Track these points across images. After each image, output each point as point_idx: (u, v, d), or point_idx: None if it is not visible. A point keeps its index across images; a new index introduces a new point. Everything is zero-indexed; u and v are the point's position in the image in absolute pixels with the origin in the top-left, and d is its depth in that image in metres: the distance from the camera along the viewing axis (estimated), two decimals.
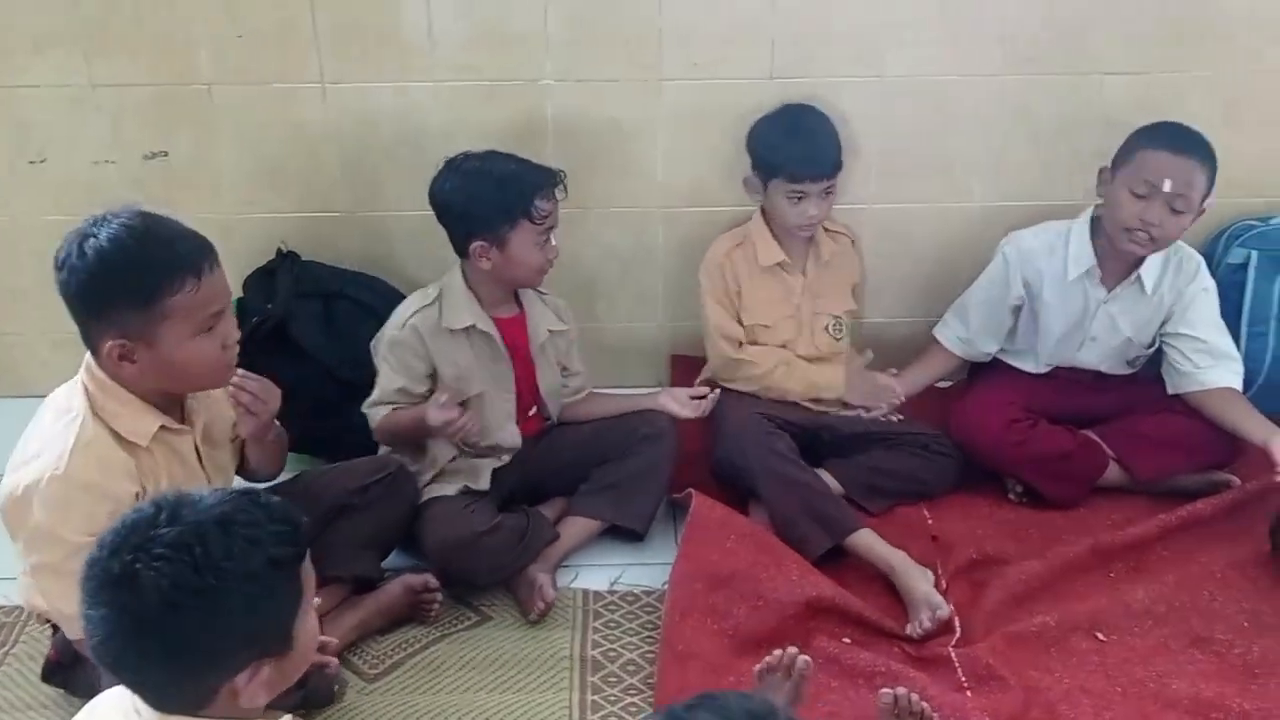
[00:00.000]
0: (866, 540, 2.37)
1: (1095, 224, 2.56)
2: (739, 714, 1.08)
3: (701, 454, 2.64)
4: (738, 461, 2.49)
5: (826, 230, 2.70)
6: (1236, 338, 2.73)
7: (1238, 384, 2.57)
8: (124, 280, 1.67)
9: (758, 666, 1.85)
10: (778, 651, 1.85)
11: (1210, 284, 2.59)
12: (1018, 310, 2.67)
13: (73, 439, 1.71)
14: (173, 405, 1.85)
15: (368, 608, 2.17)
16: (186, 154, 2.65)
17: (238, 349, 1.83)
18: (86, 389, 1.76)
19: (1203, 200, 2.42)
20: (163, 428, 1.80)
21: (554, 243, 2.33)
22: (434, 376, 2.35)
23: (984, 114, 2.72)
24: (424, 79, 2.60)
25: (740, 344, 2.65)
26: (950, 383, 2.90)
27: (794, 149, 2.55)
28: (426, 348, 2.32)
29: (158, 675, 1.21)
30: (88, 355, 1.77)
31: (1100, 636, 2.22)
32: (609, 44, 2.60)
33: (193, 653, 1.18)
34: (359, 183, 2.69)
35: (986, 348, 2.73)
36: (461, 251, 2.33)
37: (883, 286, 2.90)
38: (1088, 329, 2.62)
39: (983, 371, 2.79)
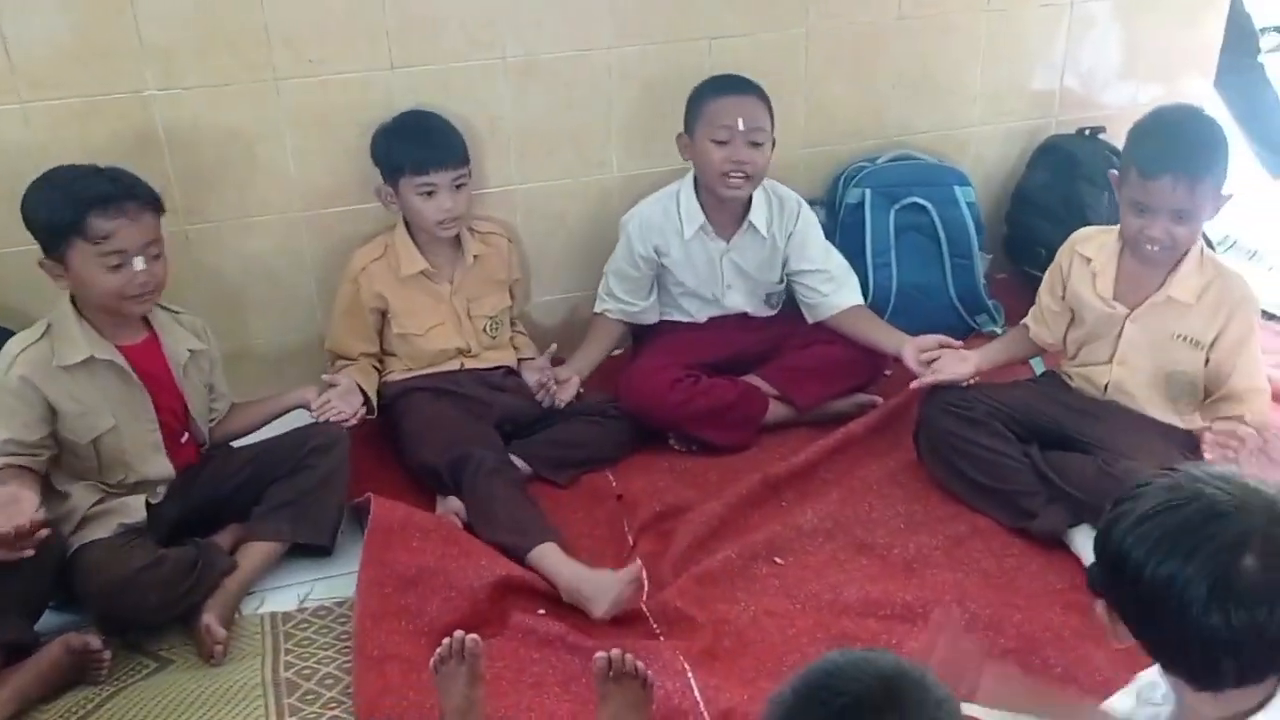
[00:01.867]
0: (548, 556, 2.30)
1: (698, 183, 2.73)
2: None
3: (378, 455, 2.60)
4: (430, 462, 2.48)
5: (476, 233, 2.72)
6: (864, 271, 2.97)
7: (859, 299, 2.81)
8: None
9: (431, 661, 1.82)
10: (445, 641, 1.82)
11: (810, 215, 2.83)
12: (656, 274, 2.81)
13: None
14: None
15: (25, 676, 1.98)
16: None
17: None
18: None
19: (772, 131, 2.63)
20: None
21: (140, 266, 2.13)
22: (56, 416, 2.16)
23: (606, 86, 2.81)
24: (8, 101, 2.39)
25: (352, 359, 2.65)
26: (620, 350, 2.99)
27: (413, 144, 2.57)
28: (38, 390, 2.13)
29: None
30: None
31: (778, 560, 2.36)
32: (212, 47, 2.49)
33: None
34: None
35: (644, 308, 2.85)
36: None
37: (540, 267, 2.95)
38: (722, 278, 2.79)
39: (646, 336, 2.90)
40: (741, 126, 2.58)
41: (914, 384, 2.55)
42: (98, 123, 2.46)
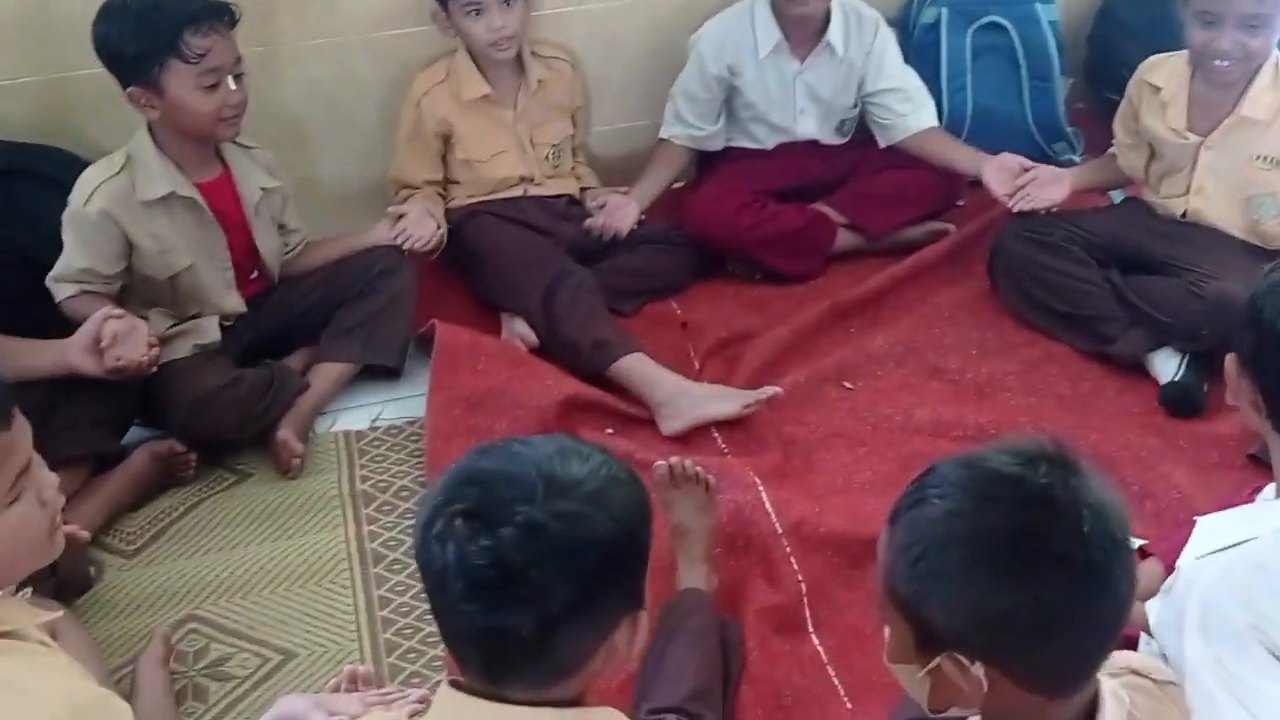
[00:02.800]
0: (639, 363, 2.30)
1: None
2: None
3: (439, 283, 2.60)
4: (505, 278, 2.47)
5: (538, 55, 2.64)
6: (937, 95, 2.86)
7: (935, 121, 2.72)
8: None
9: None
10: None
11: (889, 32, 2.71)
12: (726, 96, 2.72)
13: None
14: None
15: (114, 483, 2.05)
16: None
17: None
18: None
19: None
20: None
21: (233, 87, 2.12)
22: (133, 251, 2.16)
23: None
24: None
25: (417, 187, 2.61)
26: (683, 182, 2.93)
27: None
28: (118, 224, 2.12)
29: None
30: None
31: (848, 385, 2.34)
32: None
33: None
34: (18, 46, 2.41)
35: (714, 130, 2.76)
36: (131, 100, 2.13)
37: (599, 95, 2.86)
38: (795, 102, 2.70)
39: (710, 164, 2.83)
40: None
41: (1011, 204, 2.45)
42: None
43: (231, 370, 2.19)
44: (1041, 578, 0.98)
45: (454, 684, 1.06)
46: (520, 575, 0.96)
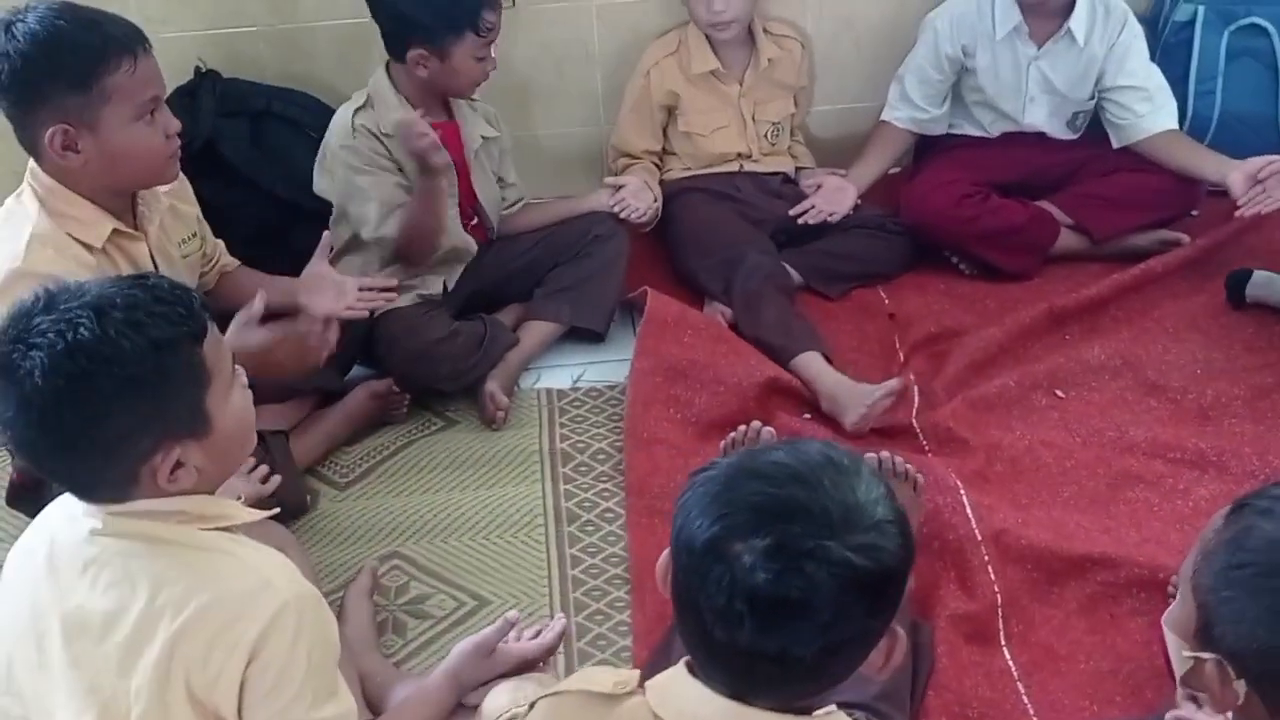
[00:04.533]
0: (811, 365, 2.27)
1: None
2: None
3: (650, 252, 2.62)
4: (702, 264, 2.48)
5: (770, 34, 2.62)
6: (1183, 97, 2.71)
7: (1175, 124, 2.58)
8: (61, 59, 1.61)
9: (723, 442, 1.88)
10: (741, 427, 1.87)
11: (1137, 27, 2.57)
12: (956, 77, 2.64)
13: (28, 234, 1.66)
14: (125, 211, 1.79)
15: (333, 418, 2.16)
16: None
17: (179, 142, 1.77)
18: (35, 192, 1.70)
19: None
20: (116, 231, 1.74)
21: (493, 55, 2.23)
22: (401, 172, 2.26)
23: None
24: None
25: (636, 157, 2.63)
26: (899, 168, 2.87)
27: None
28: (385, 145, 2.24)
29: (64, 464, 1.19)
30: (30, 163, 1.71)
31: (1059, 394, 2.26)
32: None
33: (87, 439, 1.16)
34: None
35: (938, 113, 2.69)
36: (398, 57, 2.22)
37: (823, 74, 2.82)
38: (1025, 89, 2.60)
39: (930, 152, 2.76)
40: None
41: (1240, 212, 2.33)
42: None
43: (449, 324, 2.27)
44: None
45: (691, 668, 1.04)
46: (819, 608, 0.95)
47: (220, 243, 2.07)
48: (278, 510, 1.46)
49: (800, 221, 2.60)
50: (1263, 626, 0.99)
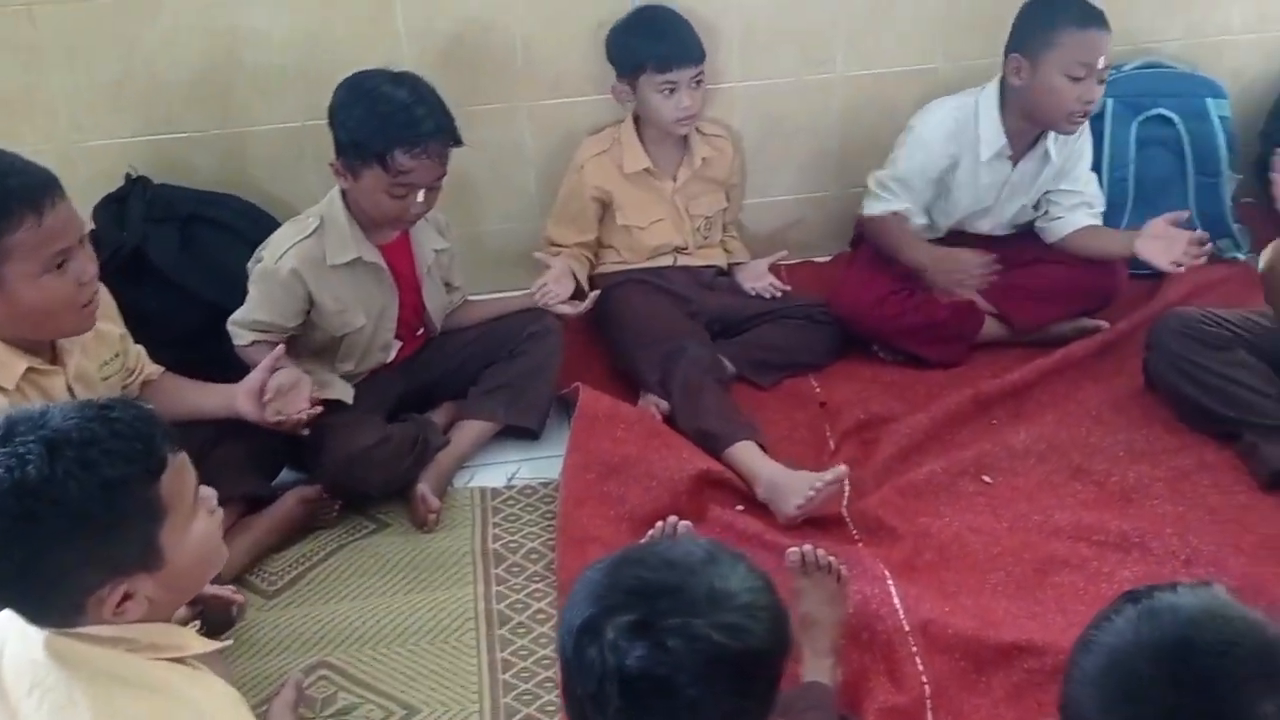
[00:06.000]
0: (748, 453, 2.29)
1: (1004, 100, 2.52)
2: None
3: (585, 347, 2.65)
4: (640, 353, 2.50)
5: (702, 134, 2.69)
6: (1100, 184, 2.80)
7: (1098, 222, 2.66)
8: None
9: (644, 540, 1.86)
10: (659, 524, 1.87)
11: (1089, 135, 2.65)
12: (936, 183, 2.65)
13: None
14: (42, 346, 1.78)
15: (261, 526, 2.14)
16: (14, 83, 2.49)
17: (95, 287, 1.75)
18: None
19: None
20: (30, 369, 1.72)
21: (420, 199, 2.16)
22: (313, 308, 2.25)
23: None
24: None
25: (567, 247, 2.65)
26: (828, 257, 2.93)
27: (657, 40, 2.53)
28: (305, 285, 2.21)
29: (8, 593, 1.19)
30: None
31: (986, 479, 2.29)
32: None
33: (32, 573, 1.16)
34: (206, 100, 2.58)
35: (917, 224, 2.68)
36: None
37: (753, 170, 2.89)
38: (995, 204, 2.66)
39: (864, 243, 2.81)
40: (1101, 65, 2.38)
41: (1171, 267, 2.39)
42: (342, 6, 2.52)
43: (382, 428, 2.26)
44: None
45: None
46: (684, 687, 0.98)
47: (141, 350, 2.06)
48: (230, 643, 1.44)
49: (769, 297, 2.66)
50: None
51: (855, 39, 2.77)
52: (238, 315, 2.26)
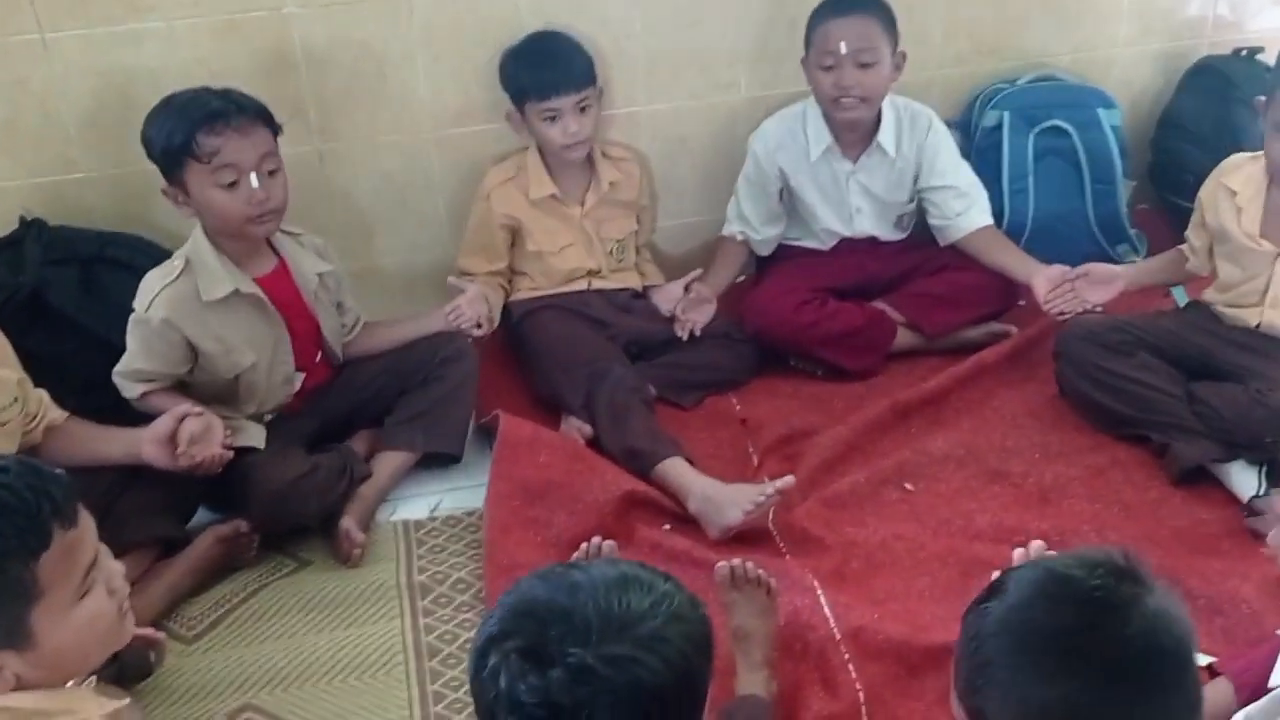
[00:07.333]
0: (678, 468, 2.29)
1: None
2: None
3: (504, 375, 2.63)
4: (562, 377, 2.49)
5: (608, 157, 2.70)
6: (999, 197, 2.88)
7: (989, 220, 2.73)
8: None
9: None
10: (583, 545, 1.86)
11: (943, 128, 2.73)
12: (783, 195, 2.76)
13: None
14: None
15: (177, 568, 2.08)
16: None
17: None
18: None
19: (893, 50, 2.55)
20: None
21: (254, 184, 2.09)
22: (195, 352, 2.19)
23: (735, 4, 2.74)
24: (154, 19, 2.43)
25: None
26: (743, 276, 2.96)
27: (536, 69, 2.54)
28: (180, 331, 2.14)
29: None
30: None
31: (908, 486, 2.32)
32: None
33: None
34: (101, 140, 2.51)
35: (769, 235, 2.81)
36: None
37: (664, 192, 2.91)
38: (849, 202, 2.73)
39: (770, 261, 2.86)
40: (844, 50, 2.49)
41: (1047, 306, 2.48)
42: (237, 41, 2.49)
43: (306, 459, 2.22)
44: (1078, 675, 1.00)
45: None
46: (568, 718, 0.94)
47: (44, 395, 1.99)
48: (127, 702, 1.37)
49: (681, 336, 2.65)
50: (1012, 688, 1.03)
51: (759, 62, 2.81)
52: (121, 366, 2.19)
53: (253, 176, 2.10)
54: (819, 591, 1.97)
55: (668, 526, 2.22)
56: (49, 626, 1.15)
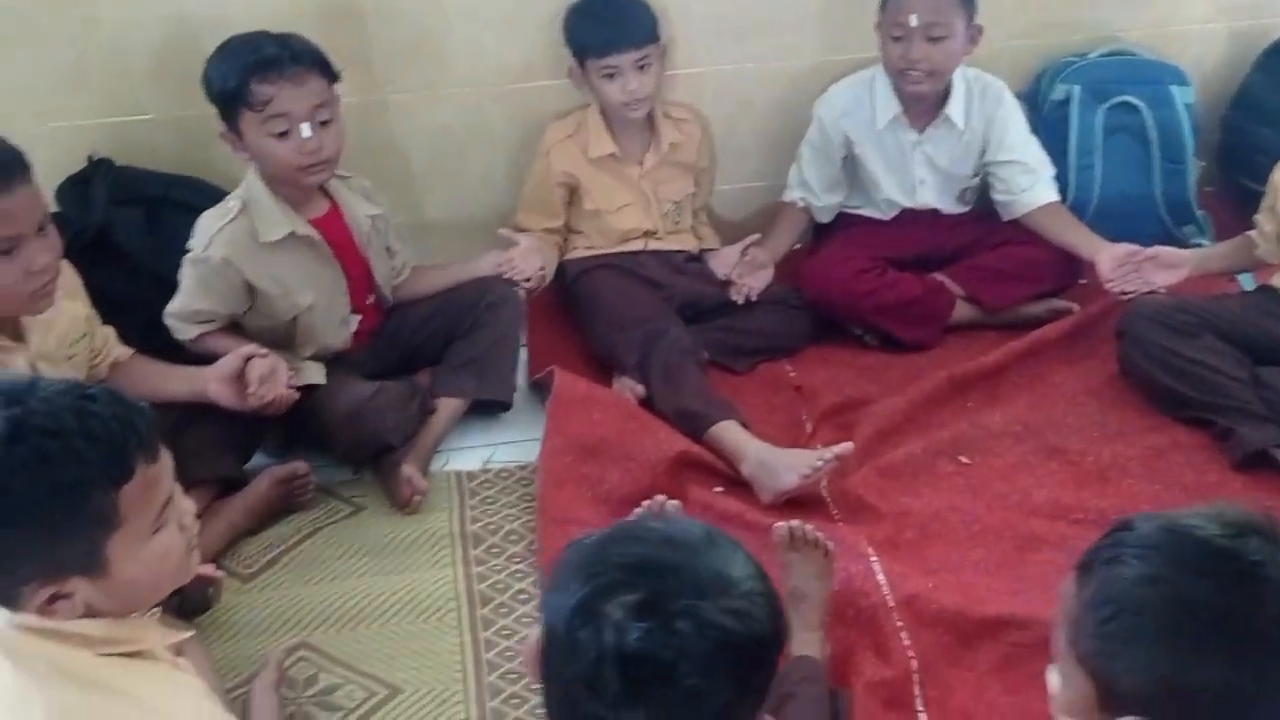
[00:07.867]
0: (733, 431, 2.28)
1: None
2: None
3: (558, 332, 2.63)
4: (616, 336, 2.48)
5: (670, 118, 2.67)
6: (1065, 172, 2.83)
7: (1055, 196, 2.68)
8: None
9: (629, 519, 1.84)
10: (646, 502, 1.86)
11: (1014, 101, 2.69)
12: (846, 163, 2.73)
13: None
14: (4, 322, 1.73)
15: (235, 508, 2.10)
16: None
17: (48, 275, 1.71)
18: None
19: (969, 23, 2.50)
20: None
21: (306, 134, 2.08)
22: (252, 293, 2.20)
23: None
24: None
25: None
26: (800, 245, 2.93)
27: (597, 25, 2.52)
28: (239, 271, 2.15)
29: None
30: None
31: (964, 460, 2.30)
32: None
33: None
34: (169, 82, 2.52)
35: (831, 202, 2.78)
36: None
37: (724, 156, 2.88)
38: (913, 173, 2.69)
39: (829, 228, 2.83)
40: (914, 23, 2.45)
41: (1110, 286, 2.45)
42: None
43: (371, 384, 2.23)
44: (1244, 657, 0.96)
45: None
46: (687, 673, 0.94)
47: (111, 332, 2.01)
48: (191, 634, 1.39)
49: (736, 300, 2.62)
50: (1159, 664, 0.98)
51: (827, 26, 2.77)
52: (175, 307, 2.19)
53: (304, 127, 2.09)
54: (873, 558, 1.96)
55: (720, 489, 2.21)
56: (123, 557, 1.16)
